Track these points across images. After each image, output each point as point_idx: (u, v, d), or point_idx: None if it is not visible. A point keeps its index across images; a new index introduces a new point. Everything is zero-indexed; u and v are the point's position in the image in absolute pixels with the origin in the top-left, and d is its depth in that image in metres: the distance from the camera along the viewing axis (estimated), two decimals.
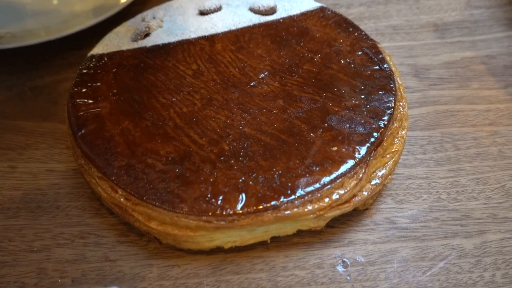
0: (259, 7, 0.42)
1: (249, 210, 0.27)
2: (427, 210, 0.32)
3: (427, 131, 0.38)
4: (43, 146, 0.38)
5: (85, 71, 0.37)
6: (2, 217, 0.33)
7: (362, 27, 0.48)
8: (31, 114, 0.41)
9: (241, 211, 0.27)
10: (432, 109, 0.40)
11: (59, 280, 0.30)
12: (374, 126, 0.32)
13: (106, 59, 0.38)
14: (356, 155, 0.30)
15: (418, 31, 0.48)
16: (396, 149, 0.32)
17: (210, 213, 0.27)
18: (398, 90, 0.35)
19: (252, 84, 0.36)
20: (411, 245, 0.30)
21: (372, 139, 0.31)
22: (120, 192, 0.29)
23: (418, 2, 0.52)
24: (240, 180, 0.29)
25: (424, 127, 0.38)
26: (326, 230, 0.31)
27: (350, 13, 0.51)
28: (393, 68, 0.37)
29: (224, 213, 0.27)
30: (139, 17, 0.42)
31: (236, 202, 0.28)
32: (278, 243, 0.31)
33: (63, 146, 0.38)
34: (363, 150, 0.30)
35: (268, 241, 0.30)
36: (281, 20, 0.41)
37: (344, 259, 0.30)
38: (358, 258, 0.30)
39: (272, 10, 0.42)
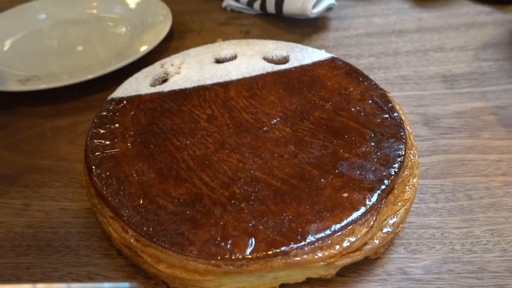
0: (273, 57, 0.44)
1: (258, 255, 0.27)
2: (441, 261, 0.32)
3: (438, 179, 0.38)
4: (58, 185, 0.39)
5: (104, 113, 0.39)
6: (12, 255, 0.33)
7: (372, 76, 0.50)
8: (49, 154, 0.43)
9: (250, 256, 0.27)
10: (443, 158, 0.40)
11: None
12: (384, 173, 0.32)
13: (125, 103, 0.40)
14: (367, 202, 0.30)
15: (427, 81, 0.49)
16: (408, 197, 0.32)
17: (219, 257, 0.27)
18: (408, 138, 0.35)
19: (264, 129, 0.37)
20: None
21: (383, 186, 0.31)
22: (130, 233, 0.30)
23: (427, 54, 0.54)
24: (250, 224, 0.29)
25: (436, 176, 0.38)
26: (337, 279, 0.31)
27: (360, 64, 0.53)
28: (402, 117, 0.37)
29: (233, 257, 0.27)
30: (157, 64, 0.45)
31: (246, 246, 0.28)
32: None
33: (77, 185, 0.39)
34: (374, 197, 0.30)
35: None
36: (293, 69, 0.43)
37: None
38: None
39: (284, 60, 0.44)
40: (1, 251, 0.34)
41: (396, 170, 0.32)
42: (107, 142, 0.36)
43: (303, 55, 0.45)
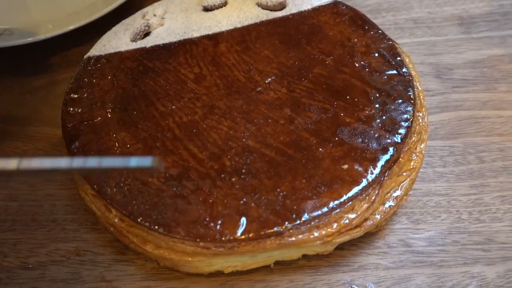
0: (267, 2, 0.39)
1: (250, 236, 0.25)
2: (445, 232, 0.30)
3: (448, 140, 0.35)
4: (40, 153, 0.37)
5: (81, 75, 0.35)
6: None
7: (379, 20, 0.45)
8: (29, 119, 0.40)
9: (241, 237, 0.25)
10: (454, 115, 0.36)
11: None
12: (389, 140, 0.29)
13: (104, 61, 0.36)
14: (369, 175, 0.27)
15: (441, 25, 0.44)
16: (414, 166, 0.29)
17: (208, 239, 0.26)
18: (417, 98, 0.32)
19: (258, 89, 0.33)
20: (427, 272, 0.28)
21: (387, 157, 0.28)
22: (114, 212, 0.28)
23: None
24: (241, 202, 0.27)
25: (445, 136, 0.35)
26: (335, 252, 0.29)
27: (367, 5, 0.47)
28: (412, 72, 0.34)
29: (223, 238, 0.25)
30: (138, 14, 0.40)
31: (236, 227, 0.26)
32: (282, 265, 0.29)
33: (61, 153, 0.36)
34: (377, 169, 0.28)
35: (271, 266, 0.28)
36: (291, 17, 0.38)
37: (354, 286, 0.28)
38: (369, 285, 0.28)
39: (281, 5, 0.39)
40: None
41: (403, 137, 0.29)
42: (85, 110, 0.33)
43: None
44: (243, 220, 0.26)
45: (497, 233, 0.29)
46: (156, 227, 0.26)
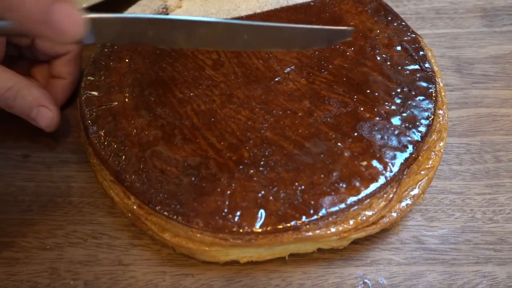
0: None
1: (268, 229, 0.26)
2: (459, 230, 0.30)
3: (465, 138, 0.35)
4: (56, 134, 0.37)
5: (98, 57, 0.35)
6: (16, 210, 0.33)
7: (401, 9, 0.44)
8: None
9: (259, 230, 0.26)
10: (473, 112, 0.36)
11: (72, 282, 0.29)
12: (409, 138, 0.29)
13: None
14: (388, 173, 0.27)
15: (463, 16, 0.43)
16: (432, 165, 0.29)
17: (226, 230, 0.26)
18: (439, 95, 0.31)
19: (276, 79, 0.33)
20: (439, 269, 0.29)
21: (407, 155, 0.28)
22: (133, 199, 0.28)
23: None
24: (260, 195, 0.27)
25: (463, 133, 0.35)
26: (348, 246, 0.29)
27: None
28: (434, 67, 0.33)
29: (241, 231, 0.26)
30: None
31: (255, 219, 0.26)
32: (296, 257, 0.29)
33: (76, 134, 0.37)
34: (395, 167, 0.28)
35: (286, 257, 0.29)
36: (312, 4, 0.37)
37: (366, 280, 0.28)
38: (381, 280, 0.28)
39: None
40: (4, 206, 0.33)
41: (423, 135, 0.29)
42: (103, 94, 0.33)
43: None
44: (261, 213, 0.26)
45: (510, 234, 0.30)
46: (175, 216, 0.27)
